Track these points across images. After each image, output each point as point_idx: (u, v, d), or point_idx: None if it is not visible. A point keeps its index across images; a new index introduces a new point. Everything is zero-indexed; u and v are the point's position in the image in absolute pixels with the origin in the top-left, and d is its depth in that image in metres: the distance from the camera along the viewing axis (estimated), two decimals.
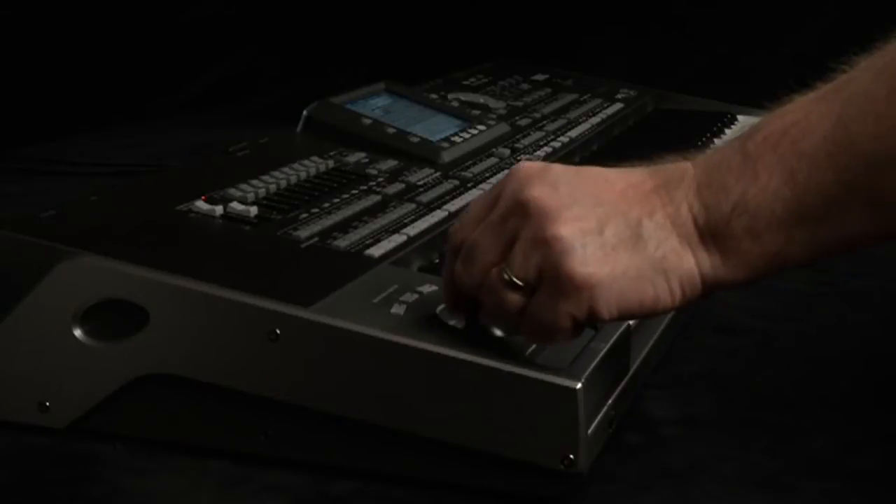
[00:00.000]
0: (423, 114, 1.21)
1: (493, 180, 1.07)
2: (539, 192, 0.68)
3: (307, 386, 0.74)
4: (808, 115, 0.67)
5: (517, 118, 1.31)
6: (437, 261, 0.92)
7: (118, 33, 1.73)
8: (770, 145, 0.67)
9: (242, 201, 0.90)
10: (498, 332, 0.75)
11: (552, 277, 0.67)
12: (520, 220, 0.68)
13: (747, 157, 0.68)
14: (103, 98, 1.69)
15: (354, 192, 0.98)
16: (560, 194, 0.68)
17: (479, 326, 0.76)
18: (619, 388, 0.77)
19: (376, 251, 0.85)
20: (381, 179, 1.02)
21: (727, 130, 1.47)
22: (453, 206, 0.99)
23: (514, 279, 0.68)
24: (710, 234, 0.68)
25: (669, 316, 0.90)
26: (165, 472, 0.76)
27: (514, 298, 0.68)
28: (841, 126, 0.65)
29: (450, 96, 1.34)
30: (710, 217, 0.68)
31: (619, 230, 0.67)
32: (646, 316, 0.70)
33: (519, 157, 1.16)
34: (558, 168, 0.70)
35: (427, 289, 0.78)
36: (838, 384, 0.90)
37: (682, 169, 0.70)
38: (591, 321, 0.68)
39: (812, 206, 0.66)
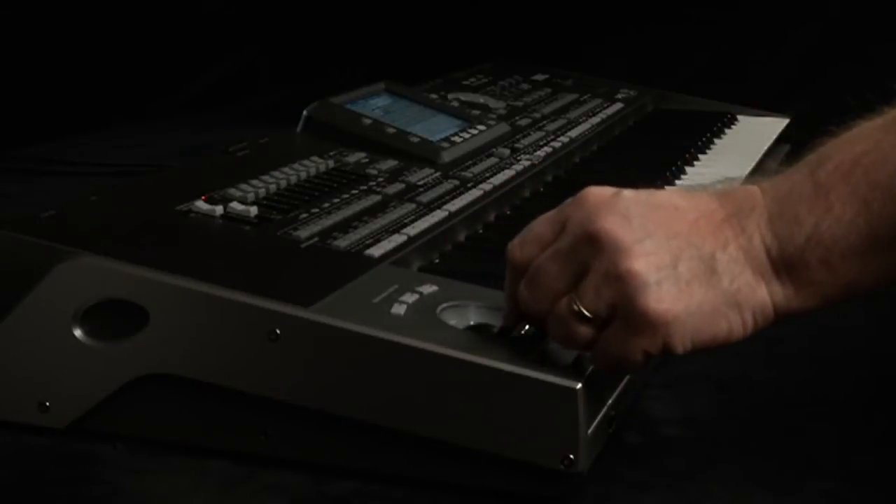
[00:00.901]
0: (423, 114, 1.21)
1: (494, 180, 1.07)
2: (610, 224, 0.67)
3: (307, 386, 0.74)
4: (879, 143, 0.67)
5: (517, 118, 1.31)
6: (436, 261, 0.92)
7: (118, 33, 1.73)
8: (842, 175, 0.67)
9: (242, 201, 0.90)
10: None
11: (627, 313, 0.67)
12: (591, 251, 0.67)
13: (819, 187, 0.68)
14: (103, 98, 1.69)
15: (354, 192, 0.98)
16: (632, 226, 0.67)
17: (478, 326, 0.76)
18: (619, 388, 0.77)
19: (376, 251, 0.85)
20: (381, 179, 1.02)
21: (727, 130, 1.47)
22: (453, 206, 0.99)
23: (585, 312, 0.68)
24: (783, 265, 0.68)
25: None
26: (165, 472, 0.76)
27: (584, 331, 0.68)
28: None
29: (450, 96, 1.34)
30: (784, 249, 0.68)
31: (693, 265, 0.67)
32: (718, 347, 0.69)
33: (519, 157, 1.16)
34: (628, 196, 0.69)
35: (427, 289, 0.78)
36: (838, 384, 0.90)
37: (752, 197, 0.70)
38: (664, 354, 0.68)
39: (886, 236, 0.66)
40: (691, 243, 0.68)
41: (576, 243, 0.68)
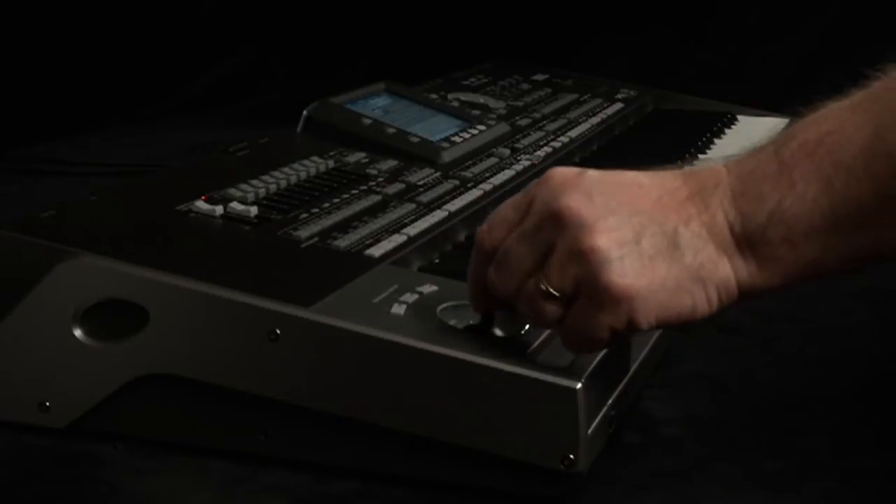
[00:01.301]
0: (423, 114, 1.21)
1: (494, 180, 1.07)
2: (574, 202, 0.68)
3: (307, 386, 0.74)
4: (843, 123, 0.67)
5: (517, 118, 1.31)
6: (436, 261, 0.92)
7: (118, 33, 1.73)
8: (806, 153, 0.67)
9: (242, 201, 0.90)
10: (499, 332, 0.75)
11: (590, 289, 0.67)
12: (555, 229, 0.68)
13: (783, 165, 0.68)
14: (103, 98, 1.69)
15: (354, 192, 0.98)
16: (595, 204, 0.68)
17: (479, 327, 0.76)
18: (619, 388, 0.77)
19: (376, 251, 0.85)
20: (381, 179, 1.02)
21: (727, 130, 1.47)
22: (453, 206, 0.99)
23: (552, 290, 0.68)
24: (746, 242, 0.68)
25: None
26: (165, 472, 0.76)
27: (552, 309, 0.69)
28: (878, 136, 0.66)
29: (450, 96, 1.34)
30: (747, 226, 0.68)
31: (656, 240, 0.67)
32: (683, 324, 0.69)
33: (519, 157, 1.16)
34: (592, 175, 0.69)
35: (427, 289, 0.78)
36: (838, 384, 0.90)
37: (717, 174, 0.70)
38: (630, 331, 0.68)
39: (848, 216, 0.66)
40: (654, 220, 0.68)
41: (540, 222, 0.69)
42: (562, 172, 0.70)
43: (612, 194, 0.68)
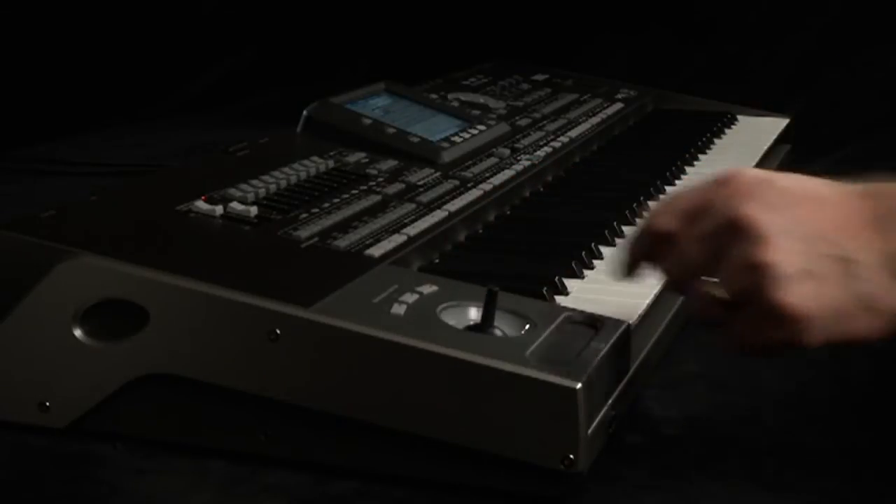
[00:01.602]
0: (423, 114, 1.21)
1: (494, 180, 1.07)
2: (754, 212, 0.68)
3: (307, 386, 0.74)
4: None
5: (517, 118, 1.31)
6: (436, 261, 0.92)
7: (118, 33, 1.73)
8: None
9: (242, 201, 0.90)
10: (499, 332, 0.75)
11: (761, 304, 0.68)
12: (733, 237, 0.69)
13: None
14: (103, 98, 1.69)
15: (354, 192, 0.98)
16: (776, 218, 0.68)
17: (479, 327, 0.76)
18: (619, 388, 0.77)
19: (376, 251, 0.85)
20: (381, 179, 1.02)
21: (727, 130, 1.47)
22: (453, 206, 0.99)
23: (720, 296, 0.70)
24: None
25: (669, 316, 0.90)
26: (165, 472, 0.76)
27: (717, 311, 0.70)
28: None
29: (450, 96, 1.34)
30: None
31: (830, 264, 0.68)
32: (852, 345, 0.69)
33: (519, 157, 1.16)
34: (776, 184, 0.70)
35: (427, 289, 0.78)
36: (838, 384, 0.90)
37: None
38: (795, 346, 0.69)
39: None
40: (832, 242, 0.68)
41: (718, 228, 0.69)
42: (745, 175, 0.70)
43: (795, 209, 0.69)
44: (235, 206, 0.89)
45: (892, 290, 0.68)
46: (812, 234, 0.68)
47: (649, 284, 0.89)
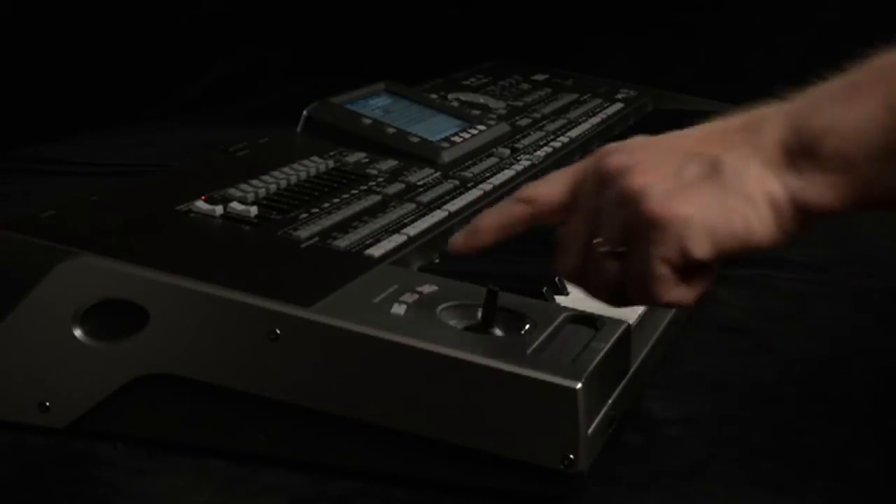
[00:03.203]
0: (423, 114, 1.21)
1: (494, 180, 1.07)
2: (618, 158, 0.68)
3: (307, 386, 0.74)
4: None
5: (517, 118, 1.31)
6: (436, 261, 0.92)
7: (118, 33, 1.73)
8: (874, 75, 0.66)
9: (242, 201, 0.90)
10: (499, 332, 0.75)
11: (638, 227, 0.66)
12: (600, 188, 0.68)
13: (848, 85, 0.66)
14: (103, 98, 1.69)
15: (354, 192, 0.98)
16: (636, 155, 0.68)
17: (479, 327, 0.76)
18: (619, 388, 0.77)
19: (376, 251, 0.85)
20: (381, 179, 1.02)
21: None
22: (453, 206, 0.99)
23: (607, 247, 0.68)
24: (799, 154, 0.66)
25: (669, 316, 0.90)
26: (165, 472, 0.76)
27: (613, 266, 0.69)
28: None
29: (450, 96, 1.34)
30: (799, 137, 0.66)
31: (696, 169, 0.67)
32: (747, 250, 0.67)
33: (519, 157, 1.16)
34: (637, 138, 0.70)
35: (427, 289, 0.78)
36: (838, 384, 0.90)
37: (777, 105, 0.69)
38: (688, 263, 0.66)
39: None
40: (695, 152, 0.68)
41: (590, 190, 0.69)
42: (608, 145, 0.71)
43: (655, 144, 0.69)
44: (235, 206, 0.89)
45: (764, 177, 0.66)
46: (675, 152, 0.68)
47: None
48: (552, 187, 0.72)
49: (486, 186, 1.05)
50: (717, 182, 0.66)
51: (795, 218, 0.66)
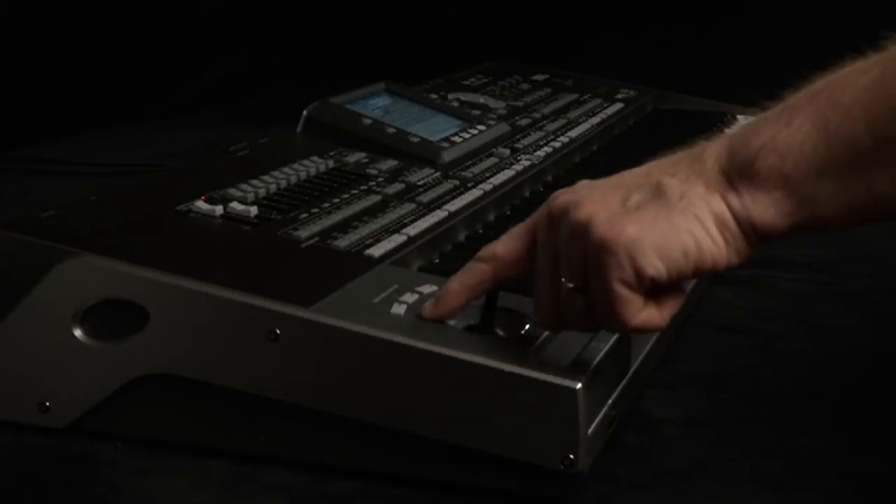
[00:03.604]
0: (423, 114, 1.21)
1: (494, 180, 1.07)
2: (561, 199, 0.70)
3: (307, 386, 0.74)
4: (851, 73, 0.68)
5: (517, 118, 1.31)
6: (436, 261, 0.92)
7: (118, 33, 1.73)
8: (808, 97, 0.68)
9: (242, 201, 0.90)
10: (499, 332, 0.75)
11: (590, 257, 0.67)
12: (554, 230, 0.70)
13: (785, 108, 0.68)
14: (103, 98, 1.69)
15: (354, 192, 0.98)
16: (581, 192, 0.70)
17: (479, 327, 0.76)
18: (619, 388, 0.77)
19: (376, 251, 0.85)
20: (381, 179, 1.02)
21: (727, 130, 1.47)
22: (453, 206, 0.99)
23: (570, 284, 0.69)
24: (736, 173, 0.68)
25: None
26: (165, 472, 0.76)
27: (581, 301, 0.69)
28: (879, 81, 0.66)
29: (450, 96, 1.34)
30: (737, 158, 0.68)
31: (641, 195, 0.68)
32: (700, 270, 0.68)
33: (519, 157, 1.16)
34: (583, 181, 0.72)
35: (427, 289, 0.78)
36: (838, 384, 0.90)
37: (718, 138, 0.70)
38: (643, 282, 0.67)
39: (841, 155, 0.66)
40: (639, 183, 0.69)
41: (544, 233, 0.71)
42: (557, 192, 0.72)
43: (598, 182, 0.71)
44: (235, 206, 0.89)
45: (708, 197, 0.67)
46: (620, 184, 0.70)
47: None
48: (510, 242, 0.74)
49: (486, 186, 1.05)
50: (662, 203, 0.68)
51: (745, 237, 0.68)
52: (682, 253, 0.67)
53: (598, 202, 0.68)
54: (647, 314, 0.68)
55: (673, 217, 0.67)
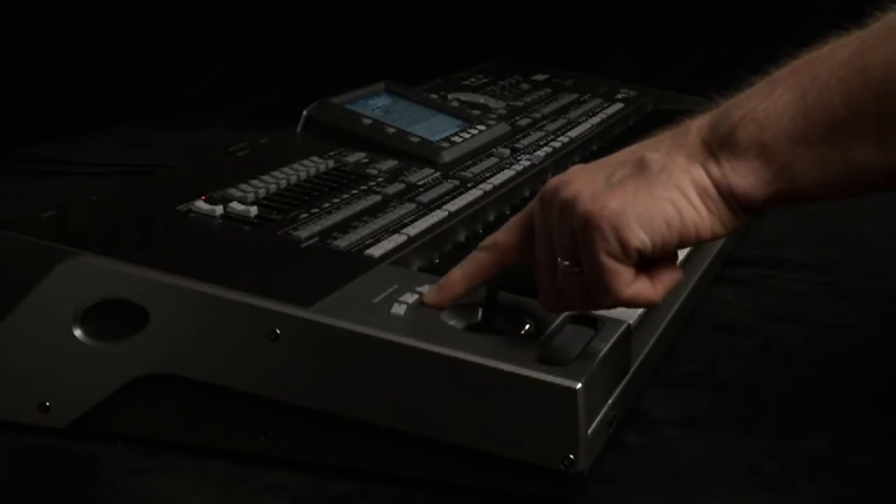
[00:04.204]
0: (423, 114, 1.21)
1: (494, 180, 1.07)
2: (552, 183, 0.72)
3: (307, 386, 0.74)
4: (832, 48, 0.70)
5: (517, 118, 1.31)
6: (436, 261, 0.92)
7: (118, 33, 1.73)
8: (790, 71, 0.70)
9: (242, 201, 0.90)
10: (499, 332, 0.75)
11: (578, 231, 0.69)
12: (547, 212, 0.72)
13: (767, 82, 0.70)
14: (103, 98, 1.69)
15: (354, 192, 0.98)
16: (570, 174, 0.72)
17: (479, 326, 0.76)
18: (619, 388, 0.77)
19: (376, 251, 0.85)
20: (381, 179, 1.02)
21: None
22: (453, 206, 0.99)
23: (565, 262, 0.70)
24: (717, 143, 0.69)
25: (669, 316, 0.90)
26: (165, 472, 0.76)
27: (576, 279, 0.71)
28: (858, 54, 0.67)
29: (450, 96, 1.34)
30: (717, 129, 0.70)
31: (624, 171, 0.70)
32: (685, 239, 0.70)
33: (519, 157, 1.16)
34: (576, 165, 0.74)
35: (427, 289, 0.78)
36: (838, 384, 0.90)
37: (703, 113, 0.73)
38: (629, 254, 0.68)
39: (818, 126, 0.67)
40: (624, 160, 0.71)
41: (538, 218, 0.73)
42: (548, 180, 0.74)
43: (594, 163, 0.73)
44: (235, 206, 0.89)
45: (689, 167, 0.69)
46: (607, 163, 0.72)
47: None
48: (509, 231, 0.76)
49: (486, 186, 1.05)
50: (644, 176, 0.69)
51: (727, 205, 0.69)
52: (664, 223, 0.68)
53: (584, 181, 0.70)
54: (639, 287, 0.70)
55: (654, 189, 0.69)
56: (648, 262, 0.70)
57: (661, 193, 0.69)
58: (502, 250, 0.75)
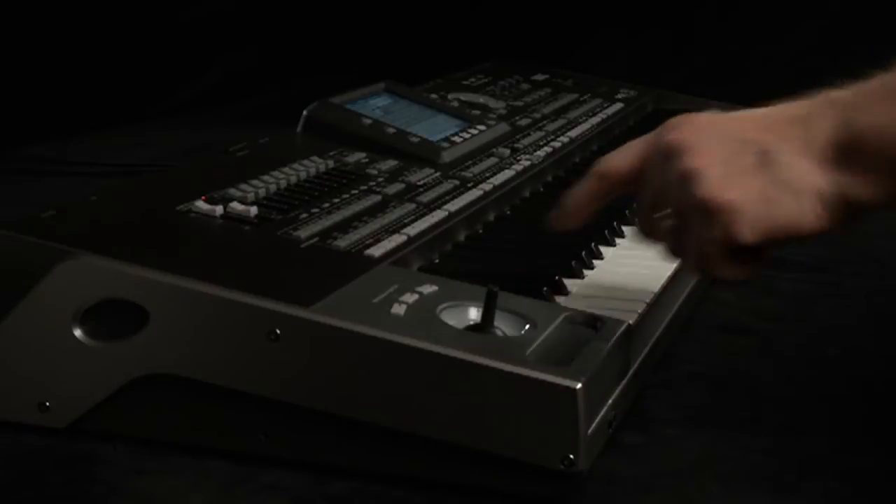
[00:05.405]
0: (423, 114, 1.21)
1: (494, 180, 1.07)
2: (682, 134, 0.74)
3: (307, 386, 0.74)
4: None
5: (517, 118, 1.31)
6: (436, 261, 0.92)
7: (118, 33, 1.73)
8: None
9: (242, 201, 0.90)
10: (499, 332, 0.75)
11: (691, 206, 0.72)
12: (667, 160, 0.74)
13: (891, 91, 0.70)
14: (103, 98, 1.69)
15: (354, 192, 0.98)
16: (698, 134, 0.73)
17: (479, 327, 0.76)
18: (619, 388, 0.77)
19: (376, 251, 0.85)
20: (381, 179, 1.02)
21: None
22: (453, 206, 0.99)
23: (670, 218, 0.74)
24: (844, 151, 0.70)
25: (669, 316, 0.90)
26: (165, 472, 0.76)
27: (675, 229, 0.75)
28: None
29: (450, 96, 1.34)
30: (846, 136, 0.70)
31: (748, 159, 0.71)
32: (795, 238, 0.72)
33: (519, 157, 1.16)
34: (705, 114, 0.76)
35: (427, 289, 0.78)
36: (838, 384, 0.90)
37: (833, 98, 0.72)
38: (736, 244, 0.71)
39: None
40: (750, 142, 0.72)
41: (657, 158, 0.75)
42: (677, 117, 0.76)
43: (718, 124, 0.74)
44: (235, 206, 0.89)
45: (811, 171, 0.70)
46: (732, 137, 0.73)
47: (650, 284, 0.89)
48: (624, 161, 0.79)
49: (486, 186, 1.05)
50: (768, 173, 0.71)
51: (841, 211, 0.71)
52: (776, 225, 0.70)
53: (707, 154, 0.72)
54: (732, 269, 0.74)
55: (776, 189, 0.70)
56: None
57: (781, 196, 0.70)
58: (615, 180, 0.80)
